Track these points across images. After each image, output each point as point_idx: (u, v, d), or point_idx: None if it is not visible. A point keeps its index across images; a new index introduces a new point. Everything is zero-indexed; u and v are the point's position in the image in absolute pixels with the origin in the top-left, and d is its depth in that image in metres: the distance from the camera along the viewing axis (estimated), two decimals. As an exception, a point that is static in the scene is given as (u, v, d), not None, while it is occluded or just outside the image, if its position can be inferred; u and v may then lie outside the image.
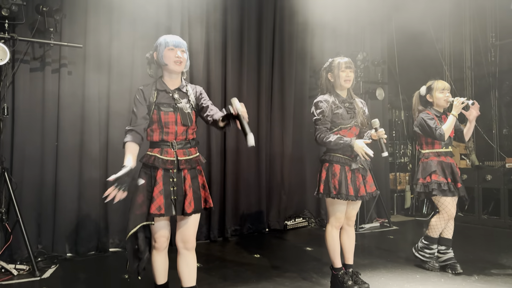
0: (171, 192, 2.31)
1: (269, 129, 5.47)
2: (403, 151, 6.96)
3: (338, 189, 2.82)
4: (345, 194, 2.82)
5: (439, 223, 3.49)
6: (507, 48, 6.05)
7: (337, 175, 2.85)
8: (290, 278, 3.35)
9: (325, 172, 2.90)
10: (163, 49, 2.37)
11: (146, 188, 2.31)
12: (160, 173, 2.31)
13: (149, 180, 2.32)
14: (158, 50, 2.39)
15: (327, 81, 3.00)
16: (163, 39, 2.41)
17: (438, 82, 3.54)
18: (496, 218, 5.50)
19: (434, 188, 3.38)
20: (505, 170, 5.42)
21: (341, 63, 2.93)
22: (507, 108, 6.17)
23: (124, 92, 4.35)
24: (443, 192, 3.40)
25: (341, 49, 5.77)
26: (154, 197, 2.26)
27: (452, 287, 3.09)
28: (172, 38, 2.40)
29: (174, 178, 2.33)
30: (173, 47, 2.37)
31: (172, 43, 2.38)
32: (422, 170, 3.49)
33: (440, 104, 3.52)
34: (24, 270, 3.49)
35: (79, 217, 4.14)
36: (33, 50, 4.02)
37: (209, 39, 4.93)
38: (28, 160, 3.94)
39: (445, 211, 3.45)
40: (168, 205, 2.29)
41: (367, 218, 5.77)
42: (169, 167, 2.32)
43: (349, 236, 3.04)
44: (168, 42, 2.38)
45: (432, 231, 3.51)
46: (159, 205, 2.26)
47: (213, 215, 4.83)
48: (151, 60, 2.47)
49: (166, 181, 2.31)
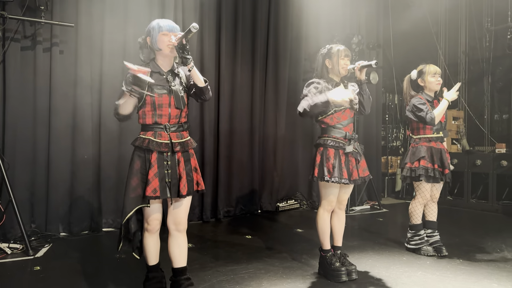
0: (165, 175, 2.33)
1: (263, 112, 5.47)
2: (396, 135, 7.01)
3: (332, 172, 2.86)
4: (339, 178, 2.86)
5: (416, 208, 3.58)
6: (501, 33, 6.04)
7: (331, 159, 2.88)
8: (280, 258, 3.42)
9: (320, 156, 2.93)
10: (157, 34, 2.35)
11: (140, 171, 2.33)
12: (155, 156, 2.32)
13: (143, 163, 2.34)
14: (152, 35, 2.37)
15: (324, 67, 3.00)
16: (156, 23, 2.38)
17: (430, 66, 3.54)
18: (484, 202, 5.61)
19: (421, 174, 3.44)
20: (495, 155, 5.50)
21: (340, 50, 2.93)
22: (500, 94, 6.21)
23: (117, 71, 4.31)
24: (429, 178, 3.46)
25: (336, 32, 5.74)
26: (150, 179, 2.28)
27: (436, 269, 3.17)
28: (166, 22, 2.38)
29: (168, 161, 2.35)
30: (167, 32, 2.35)
31: (166, 28, 2.36)
32: (411, 155, 3.54)
33: (432, 88, 3.54)
34: (18, 249, 3.53)
35: (72, 197, 4.17)
36: (24, 29, 3.96)
37: (203, 19, 4.87)
38: (20, 140, 3.93)
39: (420, 195, 3.56)
40: (163, 188, 2.32)
41: (357, 201, 5.86)
42: (164, 150, 2.33)
43: (339, 219, 3.10)
44: (161, 27, 2.36)
45: (413, 218, 3.60)
46: (154, 187, 2.28)
47: (206, 197, 4.88)
48: (144, 45, 2.45)
49: (160, 164, 2.33)
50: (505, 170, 5.34)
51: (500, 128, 6.21)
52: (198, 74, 2.35)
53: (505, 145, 5.68)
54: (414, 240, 3.60)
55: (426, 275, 3.03)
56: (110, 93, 4.30)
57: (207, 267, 3.17)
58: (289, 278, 2.95)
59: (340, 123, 2.95)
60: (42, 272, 3.06)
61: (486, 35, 6.23)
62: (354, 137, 2.97)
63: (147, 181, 2.28)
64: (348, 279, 2.89)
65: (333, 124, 2.95)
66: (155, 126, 2.36)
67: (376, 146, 6.37)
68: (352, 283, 2.86)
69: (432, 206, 3.64)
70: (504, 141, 5.88)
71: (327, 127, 2.97)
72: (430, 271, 3.13)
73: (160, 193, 2.29)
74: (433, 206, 3.65)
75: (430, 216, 3.65)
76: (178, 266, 2.45)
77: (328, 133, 2.95)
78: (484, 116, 6.32)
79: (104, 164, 4.29)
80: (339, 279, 2.87)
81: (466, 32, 6.53)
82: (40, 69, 3.99)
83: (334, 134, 2.94)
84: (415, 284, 2.84)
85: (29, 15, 3.88)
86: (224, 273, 3.03)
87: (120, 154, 4.33)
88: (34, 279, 2.94)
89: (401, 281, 2.90)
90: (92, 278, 2.93)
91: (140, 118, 2.40)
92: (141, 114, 2.39)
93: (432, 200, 3.63)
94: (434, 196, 3.63)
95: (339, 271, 2.89)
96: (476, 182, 5.76)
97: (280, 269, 3.14)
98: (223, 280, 2.88)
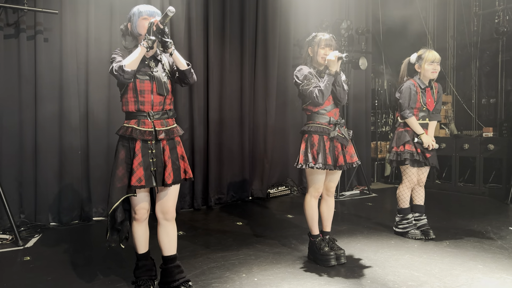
0: (150, 164, 2.32)
1: (253, 98, 5.45)
2: (385, 120, 7.05)
3: (316, 158, 2.88)
4: (323, 164, 2.87)
5: (403, 192, 3.63)
6: (489, 17, 6.07)
7: (315, 145, 2.90)
8: (270, 244, 3.46)
9: (305, 143, 2.95)
10: (137, 19, 2.33)
11: (125, 161, 2.31)
12: (139, 144, 2.30)
13: (127, 152, 2.32)
14: (132, 21, 2.35)
15: (307, 54, 3.01)
16: (136, 9, 2.36)
17: (429, 53, 3.51)
18: (472, 186, 5.70)
19: (407, 158, 3.49)
20: (482, 139, 5.57)
21: (321, 40, 2.93)
22: (487, 78, 6.26)
23: (103, 59, 4.26)
24: (414, 162, 3.51)
25: (325, 17, 5.71)
26: (134, 169, 2.27)
27: (424, 252, 3.23)
28: (146, 7, 2.35)
29: (153, 149, 2.33)
30: (146, 16, 2.33)
31: (146, 13, 2.33)
32: (397, 139, 3.59)
33: (427, 75, 3.53)
34: (7, 239, 3.52)
35: (61, 186, 4.15)
36: (7, 16, 3.88)
37: (190, 6, 4.81)
38: (6, 129, 3.89)
39: (407, 180, 3.61)
40: (148, 177, 2.30)
41: (347, 186, 5.92)
42: (147, 138, 2.31)
43: (328, 206, 3.13)
44: (141, 12, 2.33)
45: (401, 201, 3.65)
46: (139, 177, 2.27)
47: (197, 184, 4.88)
48: (126, 32, 2.42)
49: (145, 152, 2.31)
50: (492, 153, 5.42)
51: (487, 112, 6.28)
52: (179, 58, 2.34)
53: (492, 129, 5.76)
54: (402, 224, 3.65)
55: (413, 258, 3.08)
56: (96, 81, 4.25)
57: (198, 254, 3.19)
58: (279, 264, 2.98)
59: (323, 109, 2.96)
60: (32, 262, 3.06)
61: (474, 19, 6.25)
62: (339, 122, 2.98)
63: (132, 170, 2.27)
64: (337, 263, 2.94)
65: (317, 110, 2.96)
66: (138, 114, 2.34)
67: (366, 132, 6.41)
68: (341, 267, 2.91)
69: (419, 190, 3.70)
70: (491, 125, 5.96)
71: (311, 114, 2.99)
72: (418, 253, 3.19)
73: (145, 182, 2.28)
74: (420, 190, 3.70)
75: (418, 200, 3.70)
76: (167, 254, 2.46)
77: (313, 119, 2.97)
78: (471, 101, 6.38)
79: (93, 153, 4.27)
80: (328, 264, 2.91)
81: (455, 17, 6.55)
82: (24, 58, 3.93)
83: (318, 119, 2.95)
84: (402, 267, 2.89)
85: (11, 2, 3.79)
86: (214, 260, 3.06)
87: (109, 143, 4.31)
88: (24, 269, 2.94)
89: (389, 264, 2.95)
90: (82, 268, 2.94)
91: (123, 105, 2.37)
92: (124, 102, 2.36)
93: (419, 184, 3.68)
94: (420, 180, 3.68)
95: (328, 256, 2.93)
96: (463, 165, 5.84)
97: (270, 255, 3.18)
98: (214, 267, 2.91)
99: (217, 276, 2.73)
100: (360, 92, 6.30)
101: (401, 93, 3.52)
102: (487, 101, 6.25)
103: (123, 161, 2.31)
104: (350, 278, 2.72)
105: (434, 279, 2.68)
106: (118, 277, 2.74)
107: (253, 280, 2.68)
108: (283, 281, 2.66)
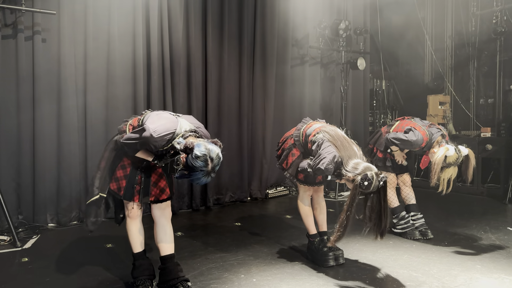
0: (135, 181, 2.38)
1: (251, 99, 5.45)
2: (383, 120, 7.05)
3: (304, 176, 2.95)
4: (312, 183, 3.01)
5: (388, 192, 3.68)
6: (487, 17, 6.07)
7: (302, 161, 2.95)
8: (269, 245, 3.45)
9: (291, 156, 3.03)
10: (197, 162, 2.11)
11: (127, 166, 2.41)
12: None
13: (117, 159, 2.40)
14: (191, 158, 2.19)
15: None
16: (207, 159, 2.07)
17: (452, 163, 3.32)
18: (470, 186, 5.69)
19: (379, 165, 3.57)
20: (480, 139, 5.57)
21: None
22: (485, 78, 6.26)
23: (101, 59, 4.26)
24: (388, 168, 3.64)
25: (323, 17, 5.71)
26: (119, 177, 2.37)
27: (422, 252, 3.24)
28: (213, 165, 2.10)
29: (142, 167, 2.40)
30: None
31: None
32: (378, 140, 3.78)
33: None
34: (5, 240, 3.50)
35: (59, 187, 4.13)
36: (4, 17, 3.86)
37: (188, 4, 4.80)
38: (4, 131, 3.87)
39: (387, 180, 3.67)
40: (127, 190, 2.38)
41: (346, 186, 5.91)
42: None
43: (320, 207, 3.16)
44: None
45: (390, 202, 3.67)
46: (120, 187, 2.37)
47: (196, 185, 4.87)
48: (170, 147, 2.32)
49: (134, 168, 2.39)
50: (490, 154, 5.42)
51: (485, 113, 6.29)
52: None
53: (490, 129, 5.76)
54: (400, 225, 3.66)
55: (412, 258, 3.09)
56: (95, 82, 4.24)
57: (196, 255, 3.18)
58: (278, 264, 2.98)
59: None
60: (30, 264, 3.05)
61: (472, 20, 6.25)
62: None
63: (115, 175, 2.35)
64: (336, 264, 2.94)
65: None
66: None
67: (364, 132, 6.41)
68: (340, 268, 2.91)
69: (407, 190, 3.76)
70: (490, 125, 5.96)
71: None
72: (416, 254, 3.19)
73: (123, 195, 2.38)
74: (407, 189, 3.76)
75: (409, 199, 3.75)
76: (165, 254, 2.46)
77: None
78: (469, 101, 6.38)
79: (91, 154, 4.26)
80: (326, 264, 2.91)
81: (453, 17, 6.55)
82: (22, 58, 3.91)
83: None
84: (401, 267, 2.89)
85: (8, 2, 3.78)
86: (213, 261, 3.05)
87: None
88: (23, 270, 2.93)
89: (388, 265, 2.95)
90: (80, 269, 2.93)
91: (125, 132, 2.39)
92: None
93: (405, 185, 3.76)
94: (404, 180, 3.75)
95: (326, 256, 2.93)
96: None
97: (268, 255, 3.18)
98: (213, 267, 2.90)
99: (216, 277, 2.73)
100: (358, 92, 6.29)
101: (397, 139, 3.45)
102: (485, 101, 6.26)
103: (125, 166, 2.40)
104: (348, 278, 2.72)
105: (432, 279, 2.68)
106: (116, 277, 2.73)
107: (251, 280, 2.68)
108: (282, 282, 2.66)
